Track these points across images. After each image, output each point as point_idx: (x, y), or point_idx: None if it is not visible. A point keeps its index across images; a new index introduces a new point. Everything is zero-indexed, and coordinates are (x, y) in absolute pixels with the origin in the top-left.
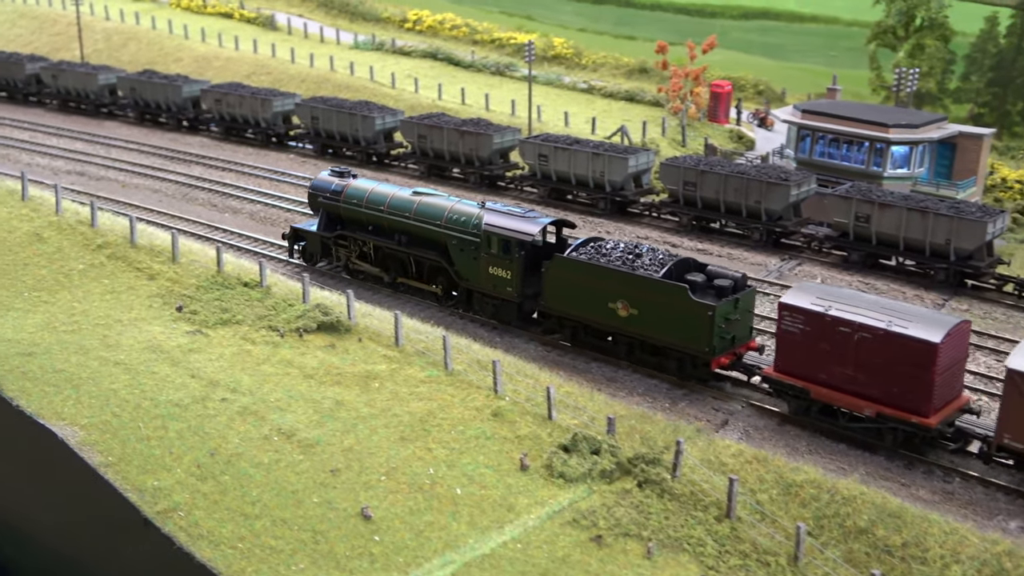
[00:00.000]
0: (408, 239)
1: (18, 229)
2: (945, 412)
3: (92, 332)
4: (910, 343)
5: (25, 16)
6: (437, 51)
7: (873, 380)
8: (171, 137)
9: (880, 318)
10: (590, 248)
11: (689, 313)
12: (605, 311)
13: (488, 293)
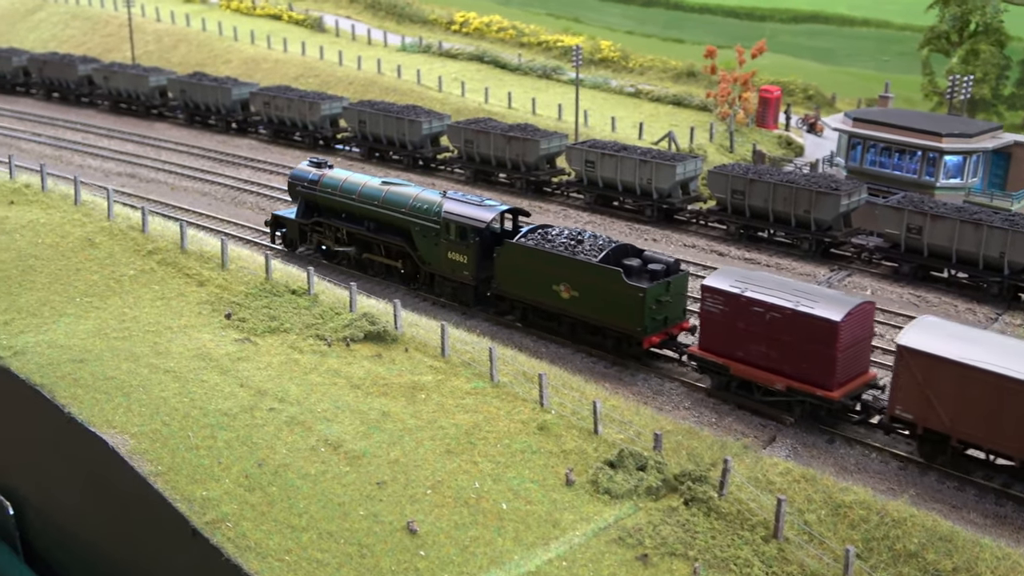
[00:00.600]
0: (377, 225)
1: (71, 234)
2: (849, 387)
3: (143, 339)
4: (815, 322)
5: (78, 17)
6: (484, 54)
7: (784, 356)
8: (220, 139)
9: (789, 299)
10: (537, 234)
11: (623, 295)
12: (550, 293)
13: (448, 276)
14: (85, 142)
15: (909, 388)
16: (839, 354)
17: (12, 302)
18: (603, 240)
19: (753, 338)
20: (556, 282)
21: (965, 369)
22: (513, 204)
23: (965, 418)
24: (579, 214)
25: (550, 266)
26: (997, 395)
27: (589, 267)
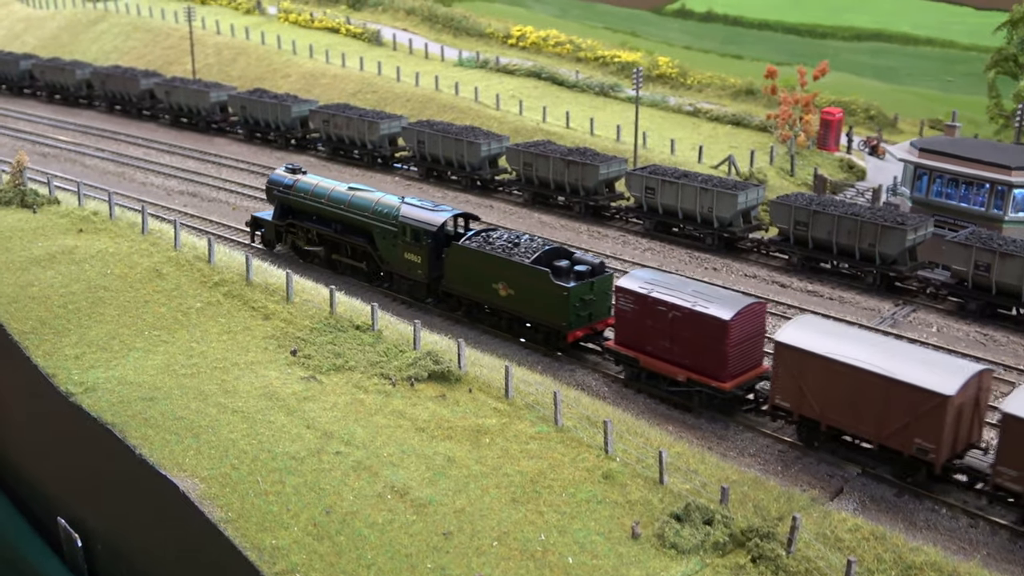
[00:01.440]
0: (343, 227)
1: (139, 264)
2: (741, 379)
3: (210, 376)
4: (708, 320)
5: (140, 29)
6: (541, 70)
7: (684, 351)
8: (279, 156)
9: (688, 299)
10: (480, 237)
11: (551, 293)
12: (490, 291)
13: (404, 275)
14: (147, 158)
15: (785, 380)
16: (730, 349)
17: (83, 335)
18: (537, 243)
19: (659, 334)
20: (495, 281)
21: (829, 362)
22: (571, 227)
23: (831, 406)
24: (638, 240)
25: (490, 266)
26: (856, 386)
27: (522, 268)
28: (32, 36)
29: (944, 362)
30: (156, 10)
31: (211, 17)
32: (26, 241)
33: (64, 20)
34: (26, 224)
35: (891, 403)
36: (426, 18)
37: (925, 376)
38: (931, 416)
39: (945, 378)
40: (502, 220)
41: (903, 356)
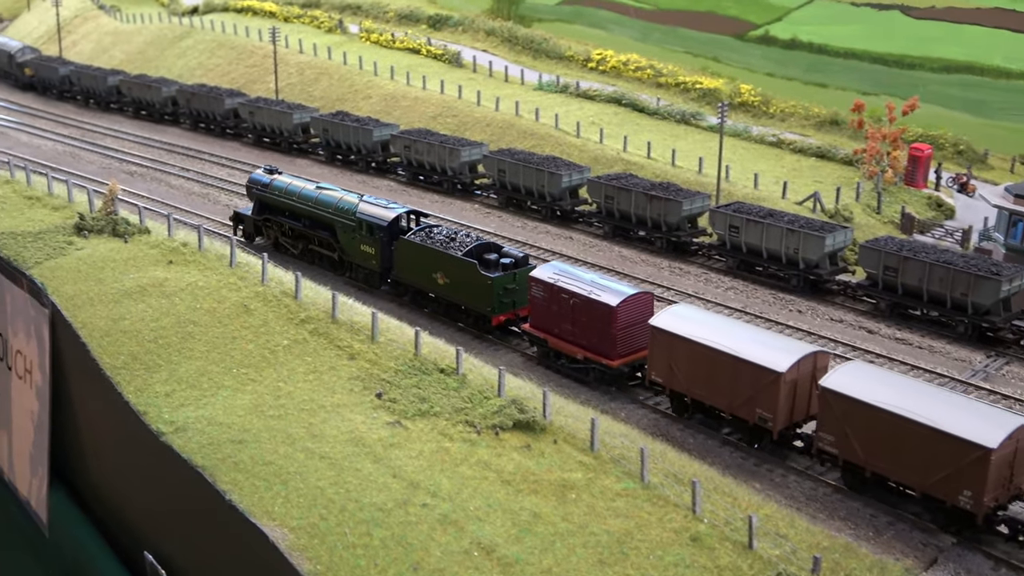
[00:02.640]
0: (311, 222)
1: (227, 299)
2: (629, 358)
3: (297, 418)
4: (599, 306)
5: (224, 46)
6: (622, 97)
7: (582, 333)
8: (360, 179)
9: (585, 288)
10: (423, 232)
11: (478, 282)
12: (430, 280)
13: (361, 264)
14: (231, 179)
15: (658, 359)
16: (617, 332)
17: (173, 371)
18: (471, 239)
19: (563, 318)
20: (434, 271)
21: (691, 343)
22: (652, 263)
23: (694, 381)
24: (720, 278)
25: (430, 258)
26: (710, 363)
27: (455, 259)
28: (119, 50)
29: (781, 344)
30: (240, 28)
31: (294, 36)
32: (118, 272)
33: (150, 35)
34: (117, 254)
35: (738, 378)
36: (506, 39)
37: (764, 355)
38: (769, 390)
39: (780, 357)
40: (581, 253)
41: (750, 339)
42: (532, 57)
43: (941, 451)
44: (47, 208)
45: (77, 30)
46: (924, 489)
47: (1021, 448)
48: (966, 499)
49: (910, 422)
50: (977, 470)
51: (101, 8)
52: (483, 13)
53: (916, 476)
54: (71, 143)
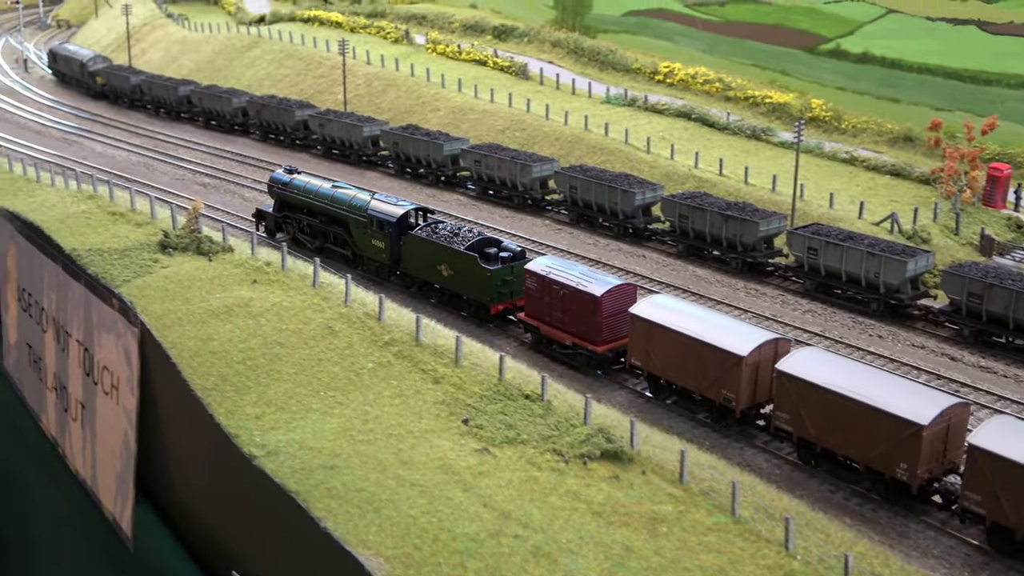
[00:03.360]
0: (327, 219)
1: (312, 320)
2: (612, 345)
3: (386, 444)
4: (585, 296)
5: (292, 56)
6: (691, 111)
7: (571, 321)
8: (429, 193)
9: (574, 280)
10: (429, 228)
11: (479, 274)
12: (435, 272)
13: (372, 258)
14: None
15: (637, 345)
16: (602, 320)
17: (262, 393)
18: (473, 233)
19: (554, 307)
20: (439, 263)
21: (665, 330)
22: (727, 283)
23: (667, 364)
24: (798, 301)
25: (435, 251)
26: (682, 348)
27: (458, 253)
28: (188, 59)
29: (746, 331)
30: (308, 38)
31: (361, 47)
32: (204, 291)
33: (219, 44)
34: (203, 273)
35: (706, 362)
36: (572, 51)
37: (729, 341)
38: (732, 372)
39: (743, 342)
40: (654, 272)
41: (715, 325)
42: (598, 69)
43: (881, 428)
44: (131, 224)
45: (146, 38)
46: (867, 462)
47: (953, 425)
48: (902, 471)
49: (854, 401)
50: (911, 445)
51: (169, 17)
52: (548, 24)
53: (860, 451)
54: (144, 153)
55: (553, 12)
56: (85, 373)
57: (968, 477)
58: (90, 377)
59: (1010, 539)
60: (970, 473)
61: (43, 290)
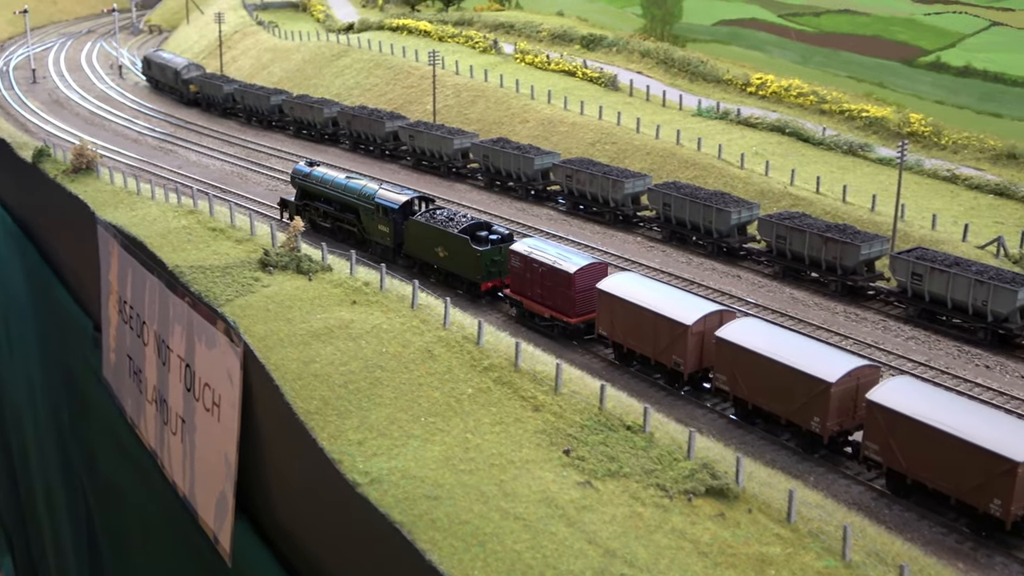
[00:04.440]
0: (340, 206)
1: (412, 343)
2: (585, 317)
3: (488, 474)
4: (561, 273)
5: (381, 66)
6: (785, 125)
7: (549, 296)
8: (519, 207)
9: (551, 259)
10: (427, 214)
11: (470, 255)
12: (433, 254)
13: (378, 241)
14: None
15: (603, 316)
16: (576, 294)
17: (363, 418)
18: (467, 219)
19: (534, 284)
20: (436, 246)
21: (626, 303)
22: (825, 306)
23: (629, 334)
24: (900, 327)
25: (433, 235)
26: (640, 319)
27: (452, 236)
28: (278, 67)
29: (694, 304)
30: (397, 48)
31: (449, 56)
32: (305, 312)
33: (308, 53)
34: (303, 293)
35: (659, 331)
36: (661, 61)
37: (677, 311)
38: (680, 339)
39: (690, 313)
40: (750, 293)
41: (671, 299)
42: (688, 80)
43: (798, 385)
44: (231, 240)
45: (236, 45)
46: (787, 416)
47: (862, 385)
48: (815, 424)
49: (776, 363)
50: (822, 401)
51: (260, 24)
52: (636, 33)
53: (782, 406)
54: (237, 163)
55: (641, 21)
56: (186, 388)
57: (867, 429)
58: (191, 392)
59: (903, 483)
60: (868, 426)
61: (145, 304)
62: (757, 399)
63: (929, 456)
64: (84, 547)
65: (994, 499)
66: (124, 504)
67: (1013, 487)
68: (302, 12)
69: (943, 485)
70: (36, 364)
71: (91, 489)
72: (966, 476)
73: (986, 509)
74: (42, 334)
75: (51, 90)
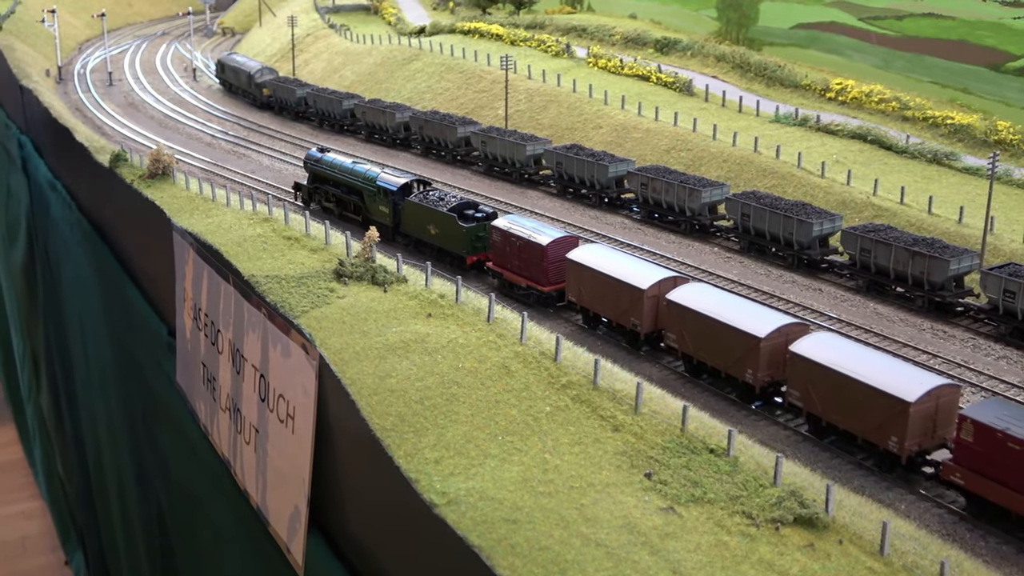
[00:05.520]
0: (347, 189)
1: (488, 359)
2: (556, 286)
3: (568, 497)
4: (534, 245)
5: (452, 70)
6: (867, 133)
7: (525, 267)
8: (592, 215)
9: (527, 232)
10: (421, 195)
11: (456, 231)
12: (427, 231)
13: (379, 221)
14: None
15: (572, 284)
16: (548, 265)
17: (440, 436)
18: (455, 199)
19: (513, 256)
20: (428, 224)
21: (592, 271)
22: (911, 322)
23: (594, 299)
24: (990, 345)
25: (425, 214)
26: (602, 285)
27: (441, 214)
28: (350, 71)
29: (653, 272)
30: (469, 51)
31: (522, 60)
32: (380, 324)
33: (380, 56)
34: (379, 305)
35: (619, 296)
36: (737, 65)
37: (635, 276)
38: (636, 303)
39: (646, 278)
40: (831, 308)
41: (631, 267)
42: (765, 85)
43: (736, 342)
44: (305, 250)
45: (309, 48)
46: (727, 370)
47: (790, 340)
48: (749, 375)
49: (712, 319)
50: (754, 355)
51: (331, 27)
52: (710, 36)
53: (722, 359)
54: None
55: (716, 24)
56: (260, 398)
57: (790, 378)
58: (265, 403)
59: (819, 425)
60: (791, 375)
61: (220, 312)
62: (700, 354)
63: (839, 400)
64: (157, 546)
65: (892, 437)
66: (196, 507)
67: (907, 426)
68: (373, 15)
69: (851, 426)
70: (109, 365)
71: (163, 491)
72: (869, 417)
73: (885, 446)
74: (115, 336)
75: (126, 92)
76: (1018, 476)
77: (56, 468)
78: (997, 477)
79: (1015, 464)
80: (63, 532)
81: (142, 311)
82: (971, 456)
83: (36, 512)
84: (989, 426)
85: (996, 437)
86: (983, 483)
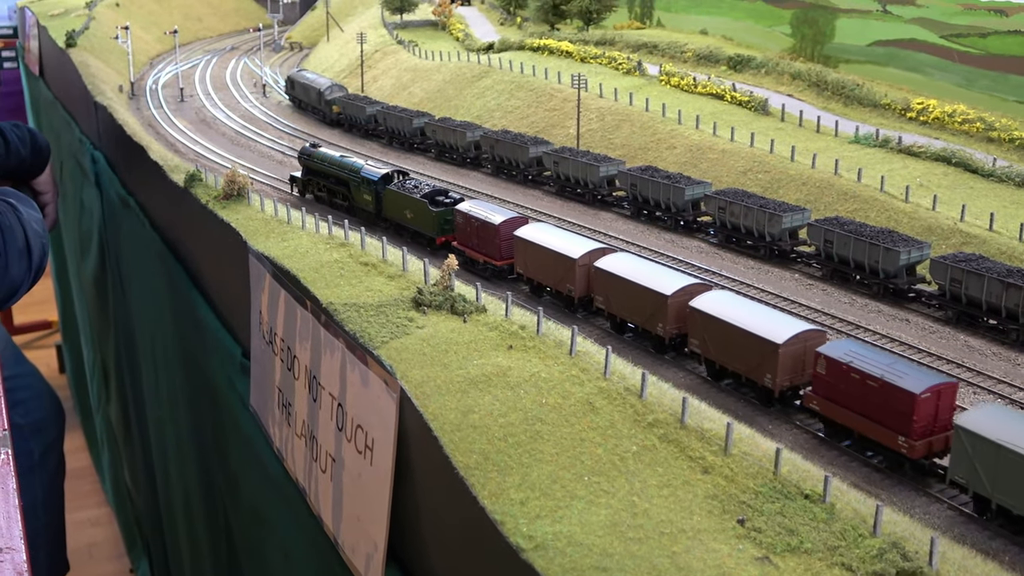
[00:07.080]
0: (335, 180)
1: (571, 395)
2: (508, 261)
3: (658, 543)
4: (489, 225)
5: (523, 88)
6: (951, 155)
7: (482, 244)
8: (667, 238)
9: (483, 213)
10: (399, 183)
11: (428, 215)
12: (404, 216)
13: (364, 208)
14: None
15: (520, 258)
16: (501, 242)
17: (525, 475)
18: (429, 187)
19: (472, 235)
20: (405, 209)
21: (533, 244)
22: (1006, 356)
23: (536, 270)
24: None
25: (402, 200)
26: (543, 256)
27: (415, 200)
28: (418, 87)
29: (583, 243)
30: (539, 69)
31: (593, 78)
32: (461, 357)
33: (449, 73)
34: (459, 336)
35: (556, 265)
36: (813, 83)
37: (569, 248)
38: (570, 271)
39: (577, 248)
40: (920, 340)
41: (566, 239)
42: (843, 104)
43: (646, 299)
44: (383, 276)
45: (377, 65)
46: (642, 324)
47: (691, 296)
48: (660, 329)
49: (632, 284)
50: (662, 311)
51: (400, 43)
52: (784, 53)
53: (639, 317)
54: None
55: (790, 40)
56: (337, 428)
57: (690, 329)
58: (342, 433)
59: (714, 368)
60: (691, 327)
61: (296, 338)
62: (621, 313)
63: (728, 346)
64: (224, 561)
65: (767, 374)
66: (267, 529)
67: (777, 364)
68: (441, 31)
69: (737, 367)
70: (179, 381)
71: (232, 508)
72: (749, 359)
73: (763, 382)
74: (186, 354)
75: (198, 108)
76: (858, 401)
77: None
78: (843, 403)
79: (856, 391)
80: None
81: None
82: (824, 386)
83: (103, 519)
84: (837, 360)
85: (842, 369)
86: (833, 408)
